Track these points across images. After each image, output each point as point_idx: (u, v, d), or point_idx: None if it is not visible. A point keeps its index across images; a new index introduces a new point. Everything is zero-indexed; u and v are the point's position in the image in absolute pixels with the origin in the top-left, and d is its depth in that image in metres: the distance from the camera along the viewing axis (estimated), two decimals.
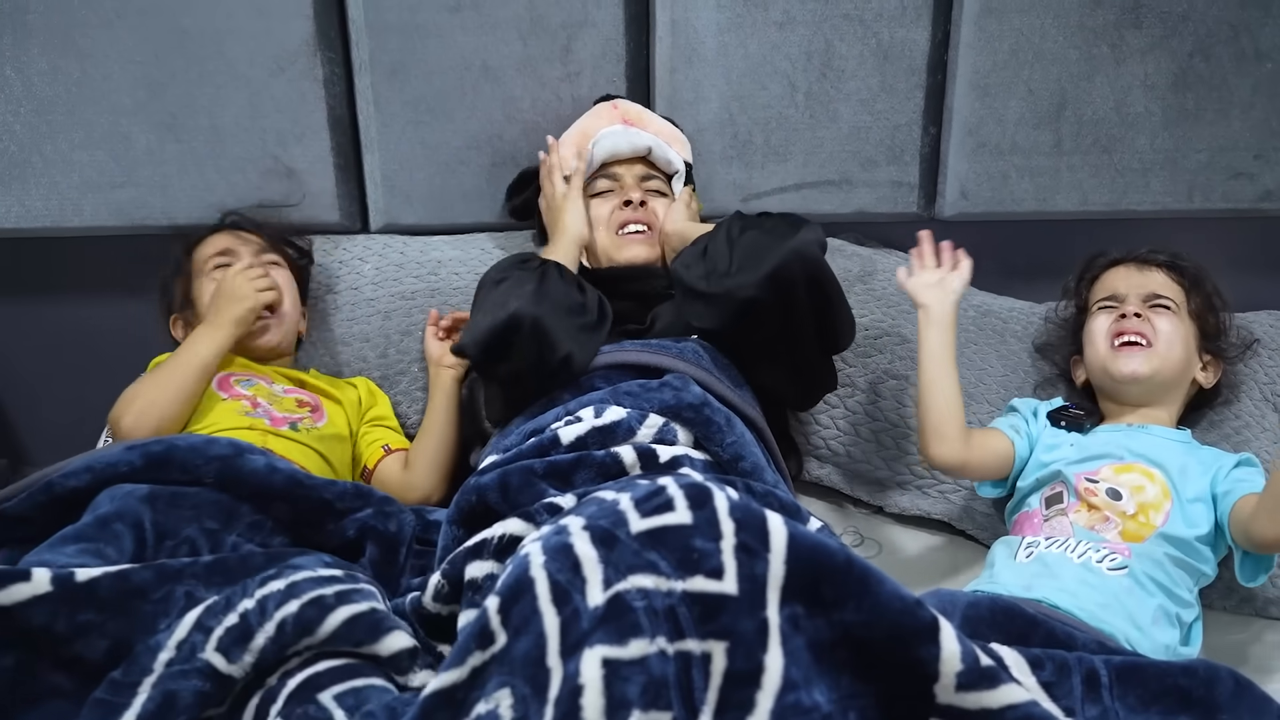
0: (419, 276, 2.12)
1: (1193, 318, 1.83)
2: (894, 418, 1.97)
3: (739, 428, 1.65)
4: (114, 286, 2.34)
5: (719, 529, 1.13)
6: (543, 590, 1.11)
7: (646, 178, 2.02)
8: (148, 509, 1.51)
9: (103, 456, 1.57)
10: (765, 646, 1.08)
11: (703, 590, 1.09)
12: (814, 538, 1.14)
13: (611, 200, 1.99)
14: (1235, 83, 2.10)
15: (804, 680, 1.08)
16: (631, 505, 1.17)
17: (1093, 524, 1.64)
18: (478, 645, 1.13)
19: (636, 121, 2.03)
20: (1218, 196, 2.18)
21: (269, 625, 1.32)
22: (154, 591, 1.38)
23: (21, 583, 1.30)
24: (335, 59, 2.09)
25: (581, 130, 2.04)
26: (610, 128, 2.01)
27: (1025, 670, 1.32)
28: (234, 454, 1.59)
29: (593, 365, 1.73)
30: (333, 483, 1.66)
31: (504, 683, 1.09)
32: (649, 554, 1.11)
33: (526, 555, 1.15)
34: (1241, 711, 1.28)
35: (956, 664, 1.10)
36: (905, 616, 1.11)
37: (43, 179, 2.10)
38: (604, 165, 2.02)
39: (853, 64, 2.10)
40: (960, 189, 2.17)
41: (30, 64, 2.03)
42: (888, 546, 1.90)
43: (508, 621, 1.12)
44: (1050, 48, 2.08)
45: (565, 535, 1.15)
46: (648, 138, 2.01)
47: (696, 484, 1.18)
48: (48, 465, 2.48)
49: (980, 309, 2.13)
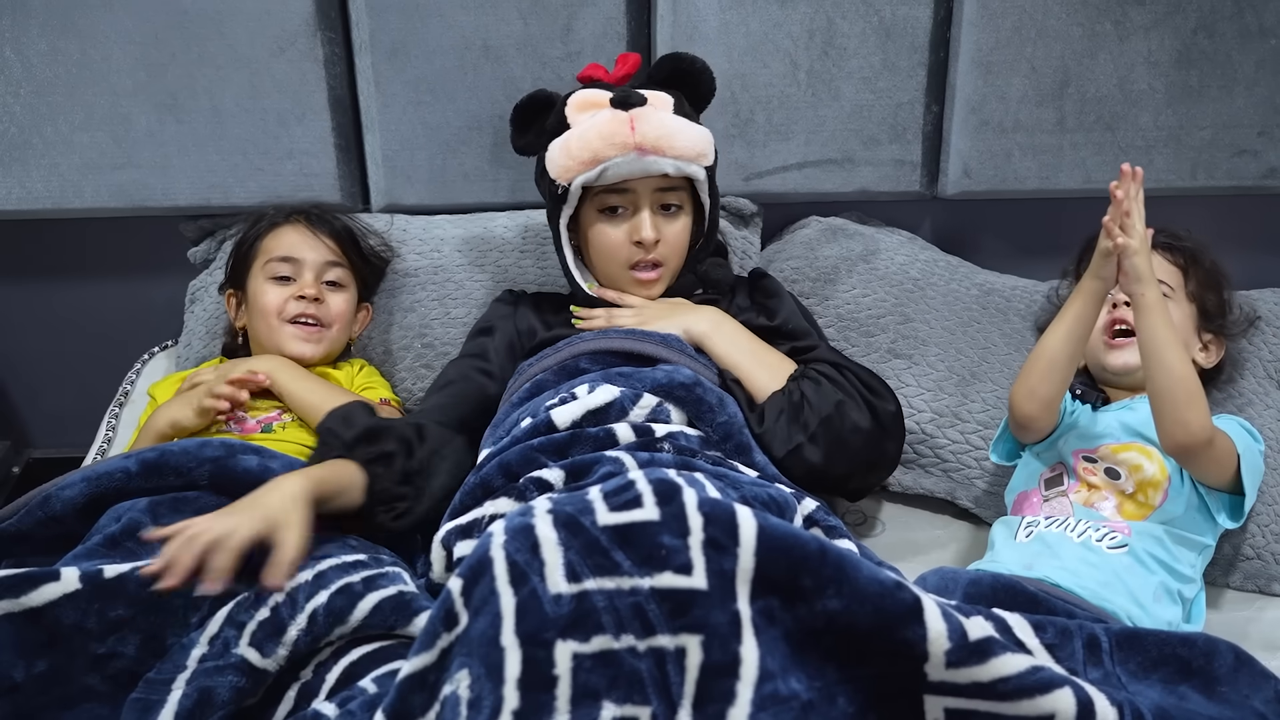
0: (421, 254, 2.12)
1: (1191, 299, 1.82)
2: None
3: (731, 407, 1.65)
4: (115, 268, 2.35)
5: (686, 524, 1.14)
6: (500, 570, 1.12)
7: (663, 190, 1.81)
8: (149, 518, 1.50)
9: (99, 467, 1.56)
10: (739, 638, 1.09)
11: (672, 586, 1.10)
12: (785, 530, 1.14)
13: (623, 227, 1.80)
14: (1239, 59, 2.09)
15: (780, 670, 1.10)
16: (600, 496, 1.18)
17: (1092, 503, 1.64)
18: (444, 626, 1.14)
19: (654, 149, 1.74)
20: (1221, 174, 2.17)
21: (300, 618, 1.33)
22: (183, 585, 1.37)
23: (52, 582, 1.31)
24: (336, 39, 2.08)
25: (592, 152, 1.74)
26: (623, 158, 1.74)
27: (1029, 632, 1.32)
28: (226, 455, 1.58)
29: (580, 349, 1.73)
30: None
31: (463, 663, 1.10)
32: (615, 553, 1.12)
33: (489, 535, 1.16)
34: (1240, 684, 1.28)
35: (944, 643, 1.11)
36: (886, 599, 1.12)
37: (43, 161, 2.10)
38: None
39: (855, 42, 2.10)
40: (963, 167, 2.17)
41: (30, 45, 2.03)
42: (890, 525, 1.90)
43: (469, 602, 1.12)
44: (1053, 24, 2.07)
45: (528, 516, 1.16)
46: (666, 164, 1.76)
47: (665, 479, 1.19)
48: (49, 446, 2.52)
49: (983, 287, 2.12)
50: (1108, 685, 1.27)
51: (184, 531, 1.35)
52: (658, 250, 1.81)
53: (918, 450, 1.93)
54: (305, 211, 1.98)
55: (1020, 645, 1.29)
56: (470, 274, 2.11)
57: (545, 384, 1.71)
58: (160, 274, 2.30)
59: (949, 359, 1.99)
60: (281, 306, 1.88)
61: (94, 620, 1.31)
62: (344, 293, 1.95)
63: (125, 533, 1.49)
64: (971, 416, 1.93)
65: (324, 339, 1.91)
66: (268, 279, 1.90)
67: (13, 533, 1.52)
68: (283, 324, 1.89)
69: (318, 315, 1.90)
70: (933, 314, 2.05)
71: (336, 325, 1.93)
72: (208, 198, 2.14)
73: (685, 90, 1.86)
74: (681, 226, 1.84)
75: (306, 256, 1.92)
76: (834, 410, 1.67)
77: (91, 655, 1.31)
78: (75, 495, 1.53)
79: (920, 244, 2.23)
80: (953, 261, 2.19)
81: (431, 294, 2.09)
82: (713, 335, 1.78)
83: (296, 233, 1.94)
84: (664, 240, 1.81)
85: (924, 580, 1.54)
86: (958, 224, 2.32)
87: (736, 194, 2.19)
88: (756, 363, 1.76)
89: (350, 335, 2.01)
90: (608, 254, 1.83)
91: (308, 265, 1.91)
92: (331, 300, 1.92)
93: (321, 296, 1.90)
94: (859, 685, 1.13)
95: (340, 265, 1.95)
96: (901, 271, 2.11)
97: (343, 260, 1.96)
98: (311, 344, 1.90)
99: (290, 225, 1.95)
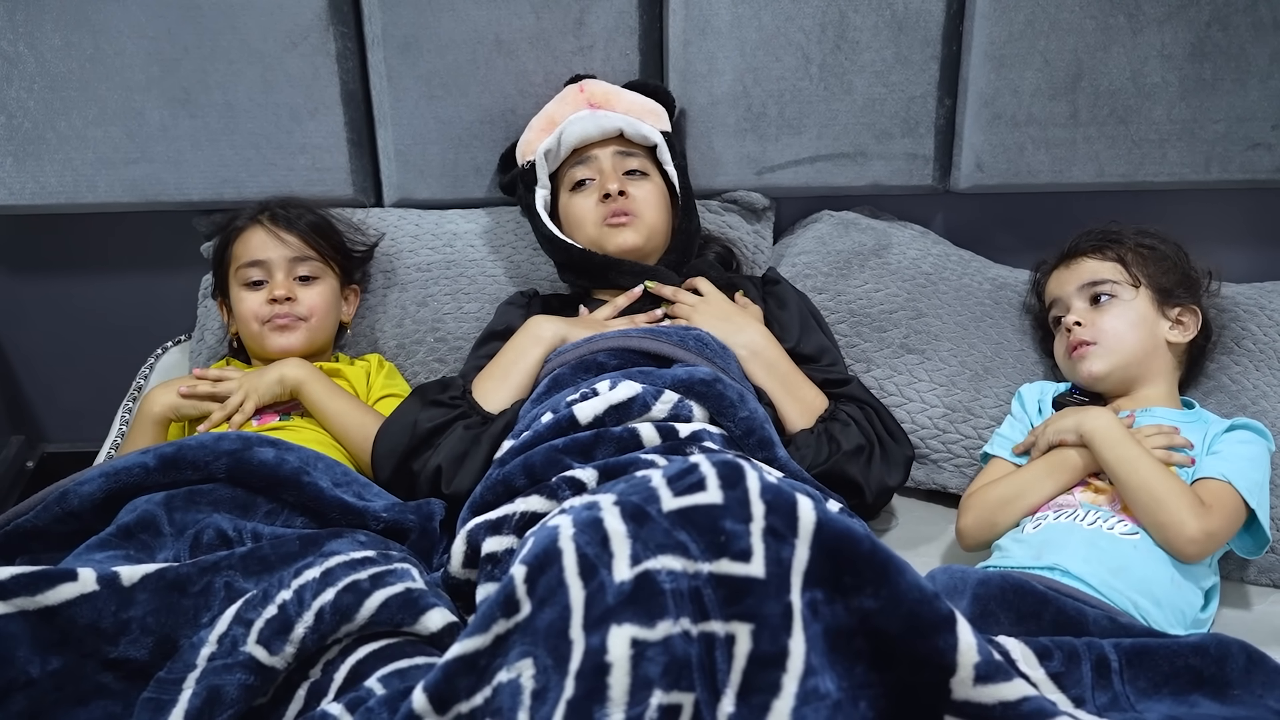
0: (434, 249, 2.12)
1: (1139, 283, 1.80)
2: (909, 393, 1.96)
3: (751, 403, 1.66)
4: (128, 262, 2.36)
5: (749, 510, 1.12)
6: (570, 562, 1.10)
7: (624, 155, 1.94)
8: (163, 510, 1.51)
9: (116, 463, 1.57)
10: (789, 631, 1.07)
11: (729, 573, 1.09)
12: (843, 523, 1.13)
13: (592, 195, 1.91)
14: (1253, 52, 2.09)
15: (820, 667, 1.08)
16: (664, 482, 1.16)
17: (1099, 501, 1.63)
18: (502, 613, 1.12)
19: (603, 103, 1.94)
20: (1235, 167, 2.16)
21: (307, 615, 1.33)
22: (193, 585, 1.39)
23: (69, 582, 1.32)
24: (348, 34, 2.08)
25: (549, 117, 1.97)
26: (577, 114, 1.93)
27: (1034, 663, 1.31)
28: (242, 447, 1.59)
29: (599, 345, 1.74)
30: (345, 475, 1.67)
31: (527, 652, 1.09)
32: (678, 534, 1.11)
33: (556, 527, 1.15)
34: (1254, 685, 1.27)
35: (974, 655, 1.09)
36: (923, 606, 1.10)
37: (57, 155, 2.10)
38: (576, 151, 1.95)
39: (867, 35, 2.09)
40: (976, 161, 2.16)
41: (43, 40, 2.04)
42: (903, 520, 1.90)
43: (533, 591, 1.11)
44: (1066, 18, 2.07)
45: (596, 510, 1.14)
46: (617, 118, 1.92)
47: (730, 462, 1.17)
48: (63, 441, 2.53)
49: (996, 282, 2.12)
50: (1116, 709, 1.26)
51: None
52: (625, 203, 1.88)
53: (930, 446, 1.93)
54: (269, 210, 1.96)
55: (1024, 677, 1.27)
56: (483, 268, 2.11)
57: (563, 379, 1.71)
58: (173, 268, 2.31)
59: (961, 354, 1.99)
60: (257, 311, 1.89)
61: (108, 621, 1.32)
62: (318, 284, 1.94)
63: (140, 525, 1.50)
64: (984, 412, 1.93)
65: (302, 330, 1.91)
66: (241, 285, 1.91)
67: (30, 529, 1.52)
68: (261, 327, 1.89)
69: (291, 312, 1.89)
70: (945, 309, 2.04)
71: (315, 317, 1.92)
72: (221, 192, 2.15)
73: (657, 98, 2.04)
74: (650, 189, 1.93)
75: (272, 256, 1.91)
76: (856, 451, 1.73)
77: (105, 657, 1.32)
78: (93, 491, 1.53)
79: (933, 238, 2.22)
80: (965, 256, 2.19)
81: (444, 288, 2.09)
82: (750, 361, 1.80)
83: (260, 233, 1.93)
84: (631, 196, 1.89)
85: (933, 578, 1.53)
86: (970, 218, 2.31)
87: (749, 188, 2.19)
88: (790, 396, 1.79)
89: (342, 318, 2.01)
90: (581, 220, 1.91)
91: (276, 265, 1.90)
92: (304, 295, 1.91)
93: (293, 294, 1.89)
94: (881, 692, 1.11)
95: (310, 259, 1.93)
96: (914, 266, 2.10)
97: (312, 253, 1.94)
98: (290, 336, 1.90)
99: (254, 227, 1.94)
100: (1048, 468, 1.67)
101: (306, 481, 1.59)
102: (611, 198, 1.88)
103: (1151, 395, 1.77)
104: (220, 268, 1.97)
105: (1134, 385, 1.78)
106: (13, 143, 2.09)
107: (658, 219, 1.92)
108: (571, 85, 2.01)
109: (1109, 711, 1.23)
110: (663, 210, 1.93)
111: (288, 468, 1.58)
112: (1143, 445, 1.60)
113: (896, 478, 1.78)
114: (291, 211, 1.97)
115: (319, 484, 1.59)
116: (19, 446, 2.49)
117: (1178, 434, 1.65)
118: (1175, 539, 1.52)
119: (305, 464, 1.61)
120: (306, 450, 1.66)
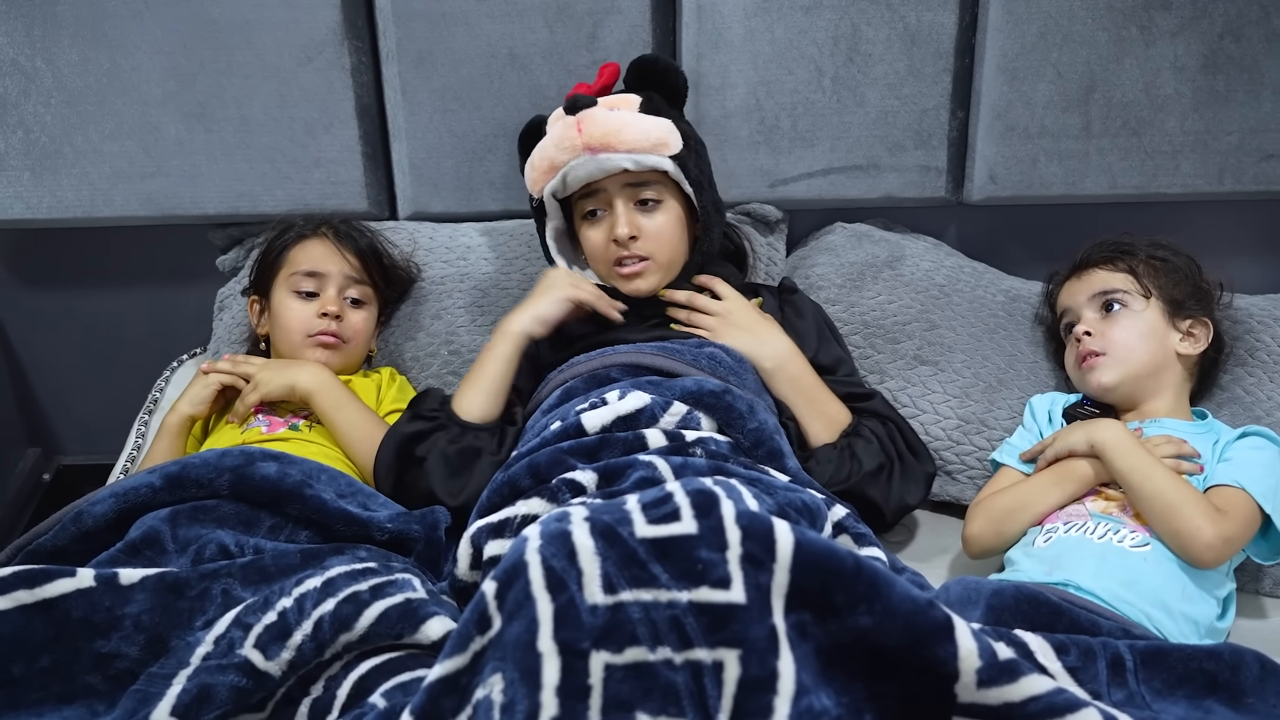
0: (448, 261, 2.13)
1: (1150, 294, 1.79)
2: (923, 404, 1.96)
3: (761, 414, 1.66)
4: (144, 276, 2.37)
5: (725, 538, 1.13)
6: (536, 575, 1.11)
7: (634, 187, 1.81)
8: (168, 526, 1.53)
9: (126, 483, 1.59)
10: (777, 653, 1.08)
11: (710, 600, 1.10)
12: (821, 544, 1.14)
13: (602, 228, 1.82)
14: (1266, 64, 2.08)
15: (813, 685, 1.09)
16: (638, 507, 1.17)
17: (1110, 511, 1.63)
18: (477, 630, 1.13)
19: (603, 146, 1.76)
20: (1249, 179, 2.16)
21: (306, 624, 1.33)
22: (191, 589, 1.40)
23: (67, 578, 1.35)
24: (363, 48, 2.10)
25: (550, 163, 1.81)
26: (576, 160, 1.78)
27: (1051, 655, 1.32)
28: (245, 463, 1.59)
29: (612, 360, 1.74)
30: (350, 486, 1.67)
31: (497, 667, 1.09)
32: (653, 566, 1.11)
33: (524, 539, 1.15)
34: (1268, 695, 1.27)
35: (975, 660, 1.10)
36: (918, 617, 1.11)
37: (74, 170, 2.12)
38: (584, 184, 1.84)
39: (880, 48, 2.10)
40: (988, 173, 2.16)
41: (60, 55, 2.05)
42: (917, 531, 1.90)
43: (503, 605, 1.12)
44: (1079, 30, 2.07)
45: (565, 523, 1.15)
46: (620, 159, 1.77)
47: (704, 490, 1.18)
48: (79, 454, 2.54)
49: (1009, 294, 2.12)
50: (1132, 706, 1.26)
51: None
52: (638, 245, 1.81)
53: (944, 457, 1.93)
54: (333, 225, 1.98)
55: (1042, 670, 1.28)
56: (497, 281, 2.12)
57: (575, 391, 1.72)
58: (189, 282, 2.32)
59: (975, 365, 1.99)
60: (305, 324, 1.90)
61: (102, 615, 1.34)
62: (364, 310, 1.96)
63: (144, 540, 1.51)
64: (998, 424, 1.93)
65: (341, 352, 1.92)
66: (291, 292, 1.91)
67: (49, 548, 1.54)
68: (305, 339, 1.90)
69: (338, 332, 1.91)
70: (958, 320, 2.04)
71: (355, 341, 1.94)
72: (236, 206, 2.16)
73: (661, 90, 1.88)
74: (665, 219, 1.83)
75: (331, 270, 1.92)
76: (877, 470, 1.73)
77: (95, 653, 1.34)
78: (105, 511, 1.55)
79: (946, 250, 2.23)
80: (978, 267, 2.19)
81: (458, 301, 2.10)
82: (775, 375, 1.80)
83: (323, 246, 1.95)
84: (644, 235, 1.81)
85: (947, 590, 1.53)
86: (983, 230, 2.32)
87: (762, 200, 2.20)
88: (813, 410, 1.79)
89: (370, 349, 2.03)
90: (594, 256, 1.87)
91: (331, 280, 1.92)
92: (351, 317, 1.93)
93: (343, 313, 1.91)
94: (885, 704, 1.12)
95: (363, 283, 1.96)
96: (927, 278, 2.10)
97: (365, 278, 1.96)
98: (330, 355, 1.91)
99: (317, 238, 1.96)
100: (1055, 477, 1.68)
101: (310, 494, 1.59)
102: (621, 243, 1.80)
103: (1161, 407, 1.77)
104: (268, 270, 1.97)
105: (1144, 397, 1.77)
106: (30, 157, 2.10)
107: (675, 251, 1.85)
108: (568, 117, 1.80)
109: (1125, 708, 1.23)
110: (679, 237, 1.86)
111: (290, 481, 1.59)
112: (1154, 454, 1.60)
113: (917, 495, 1.78)
114: (353, 230, 1.99)
115: (322, 496, 1.60)
116: (35, 459, 2.51)
117: (1186, 444, 1.65)
118: (1191, 545, 1.52)
119: (308, 476, 1.61)
120: (310, 463, 1.66)
